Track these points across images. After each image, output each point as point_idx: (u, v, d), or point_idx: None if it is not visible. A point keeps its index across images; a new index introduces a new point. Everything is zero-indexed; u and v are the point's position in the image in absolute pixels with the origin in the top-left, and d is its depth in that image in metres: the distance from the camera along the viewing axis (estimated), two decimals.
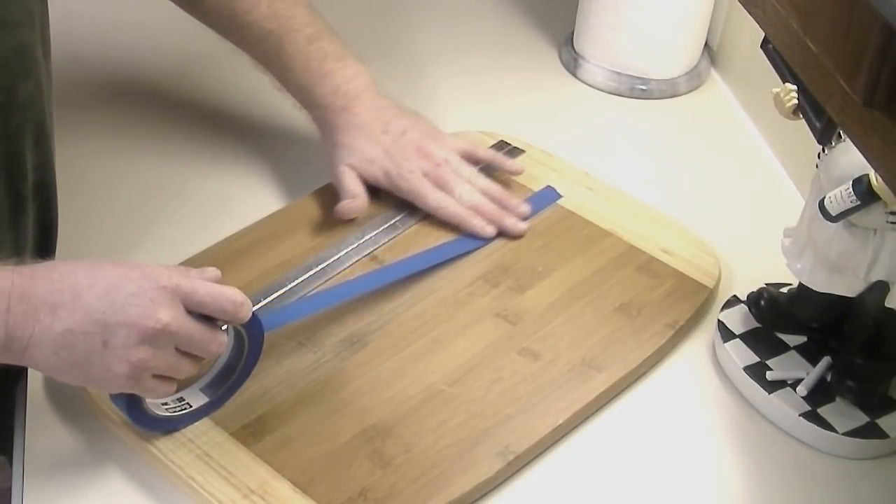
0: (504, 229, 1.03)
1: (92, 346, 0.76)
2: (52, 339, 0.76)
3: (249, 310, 0.82)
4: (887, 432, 0.90)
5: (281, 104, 1.11)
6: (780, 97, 0.88)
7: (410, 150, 1.04)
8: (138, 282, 0.78)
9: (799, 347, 0.96)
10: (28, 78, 0.88)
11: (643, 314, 0.98)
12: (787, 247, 0.93)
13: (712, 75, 1.33)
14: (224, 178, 1.12)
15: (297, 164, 1.14)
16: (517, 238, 1.04)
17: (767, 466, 0.90)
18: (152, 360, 0.77)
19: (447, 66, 1.31)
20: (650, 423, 0.93)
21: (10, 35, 0.85)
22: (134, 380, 0.78)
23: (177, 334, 0.78)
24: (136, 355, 0.77)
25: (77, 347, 0.76)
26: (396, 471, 0.84)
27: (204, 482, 0.83)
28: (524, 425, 0.88)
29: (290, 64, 1.06)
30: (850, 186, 0.82)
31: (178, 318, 0.78)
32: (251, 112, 1.21)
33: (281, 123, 1.19)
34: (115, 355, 0.76)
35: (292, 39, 1.05)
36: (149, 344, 0.77)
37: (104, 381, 0.78)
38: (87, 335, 0.76)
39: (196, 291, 0.79)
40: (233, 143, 1.16)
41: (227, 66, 1.18)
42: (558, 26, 1.38)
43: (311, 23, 1.07)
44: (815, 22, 0.62)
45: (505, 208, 1.05)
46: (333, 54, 1.06)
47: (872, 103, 0.57)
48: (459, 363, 0.93)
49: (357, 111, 1.05)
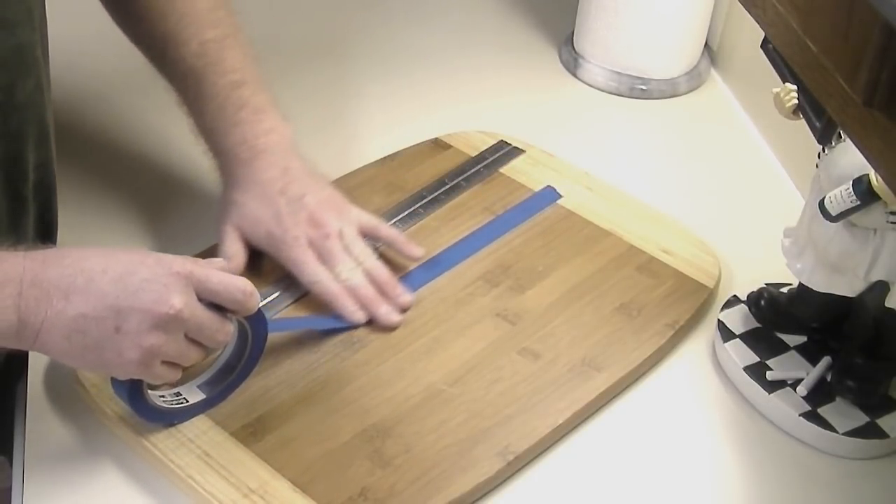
0: (375, 318, 0.95)
1: (104, 331, 0.76)
2: (65, 324, 0.76)
3: (258, 301, 0.83)
4: (887, 432, 0.90)
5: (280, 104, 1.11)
6: (780, 97, 0.88)
7: (302, 216, 0.96)
8: (152, 268, 0.78)
9: (799, 347, 0.96)
10: (27, 77, 0.88)
11: (643, 314, 0.98)
12: (787, 247, 0.93)
13: (712, 75, 1.33)
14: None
15: None
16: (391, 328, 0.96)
17: (767, 466, 0.90)
18: (164, 345, 0.78)
19: (447, 65, 1.31)
20: (650, 423, 0.93)
21: (9, 34, 0.85)
22: (144, 365, 0.78)
23: (189, 321, 0.78)
24: (149, 340, 0.77)
25: (90, 332, 0.76)
26: (396, 471, 0.84)
27: (204, 482, 0.83)
28: (524, 425, 0.88)
29: (204, 107, 0.99)
30: (850, 186, 0.82)
31: (191, 304, 0.78)
32: None
33: None
34: (128, 340, 0.77)
35: (213, 82, 0.98)
36: (161, 329, 0.77)
37: (116, 367, 0.79)
38: (99, 320, 0.76)
39: (209, 279, 0.80)
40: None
41: None
42: (558, 26, 1.38)
43: (240, 70, 1.00)
44: (815, 22, 0.62)
45: (385, 294, 0.96)
46: (253, 105, 0.99)
47: (872, 103, 0.57)
48: (459, 363, 0.93)
49: (260, 167, 0.98)
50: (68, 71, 0.99)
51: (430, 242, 1.04)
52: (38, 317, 0.76)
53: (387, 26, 1.37)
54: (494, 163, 1.14)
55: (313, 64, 1.29)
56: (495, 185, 1.11)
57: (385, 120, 1.22)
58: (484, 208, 1.08)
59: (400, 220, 1.06)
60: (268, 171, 0.97)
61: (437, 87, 1.28)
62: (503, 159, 1.14)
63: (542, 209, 1.08)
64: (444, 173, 1.12)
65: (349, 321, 0.95)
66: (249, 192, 0.97)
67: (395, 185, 1.10)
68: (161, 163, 1.13)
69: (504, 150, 1.15)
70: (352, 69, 1.29)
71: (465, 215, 1.07)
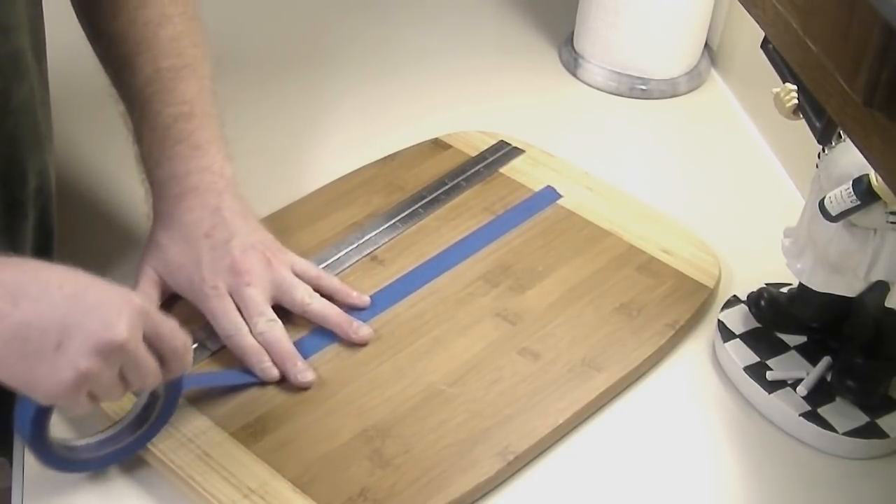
0: (287, 377, 0.90)
1: (45, 344, 0.73)
2: (7, 328, 0.73)
3: (191, 360, 0.81)
4: (887, 432, 0.90)
5: (279, 104, 1.11)
6: (780, 97, 0.88)
7: (225, 263, 0.91)
8: (108, 292, 0.76)
9: (799, 347, 0.96)
10: (22, 82, 0.88)
11: (643, 314, 0.98)
12: (787, 247, 0.93)
13: (712, 75, 1.33)
14: None
15: (296, 163, 1.14)
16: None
17: (767, 466, 0.90)
18: (98, 374, 0.74)
19: (447, 65, 1.31)
20: (650, 423, 0.93)
21: (5, 40, 0.85)
22: (74, 388, 0.74)
23: (130, 354, 0.75)
24: (86, 364, 0.73)
25: (30, 342, 0.73)
26: (396, 471, 0.84)
27: (204, 482, 0.83)
28: (524, 425, 0.88)
29: (144, 135, 0.95)
30: (850, 186, 0.82)
31: (137, 338, 0.76)
32: (249, 112, 1.21)
33: (280, 123, 1.20)
34: (65, 359, 0.73)
35: (158, 111, 0.94)
36: (101, 357, 0.74)
37: (44, 385, 0.75)
38: (43, 331, 0.73)
39: (161, 323, 0.78)
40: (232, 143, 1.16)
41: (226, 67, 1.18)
42: (558, 26, 1.38)
43: (190, 102, 0.95)
44: (815, 22, 0.62)
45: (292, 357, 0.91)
46: (194, 140, 0.94)
47: (872, 103, 0.57)
48: (459, 363, 0.93)
49: (188, 206, 0.93)
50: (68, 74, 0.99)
51: (430, 242, 1.04)
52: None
53: (386, 26, 1.37)
54: (494, 163, 1.14)
55: (313, 64, 1.29)
56: (495, 185, 1.11)
57: (385, 120, 1.22)
58: (484, 208, 1.08)
59: (400, 220, 1.06)
60: (195, 212, 0.93)
61: (437, 87, 1.28)
62: (503, 159, 1.14)
63: (542, 209, 1.08)
64: (444, 173, 1.12)
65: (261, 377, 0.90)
66: (173, 232, 0.93)
67: (395, 185, 1.10)
68: None
69: (504, 150, 1.15)
70: (352, 69, 1.29)
71: (465, 215, 1.07)
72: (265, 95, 1.23)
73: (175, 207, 0.93)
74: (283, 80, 1.26)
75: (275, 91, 1.24)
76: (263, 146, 1.17)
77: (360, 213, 1.07)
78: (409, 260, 1.02)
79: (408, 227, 1.06)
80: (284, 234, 1.03)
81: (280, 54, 1.30)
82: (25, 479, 0.84)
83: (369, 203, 1.07)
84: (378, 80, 1.28)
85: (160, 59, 0.95)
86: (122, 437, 0.84)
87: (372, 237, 1.04)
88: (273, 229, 1.04)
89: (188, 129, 0.94)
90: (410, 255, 1.03)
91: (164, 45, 0.96)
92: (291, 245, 1.02)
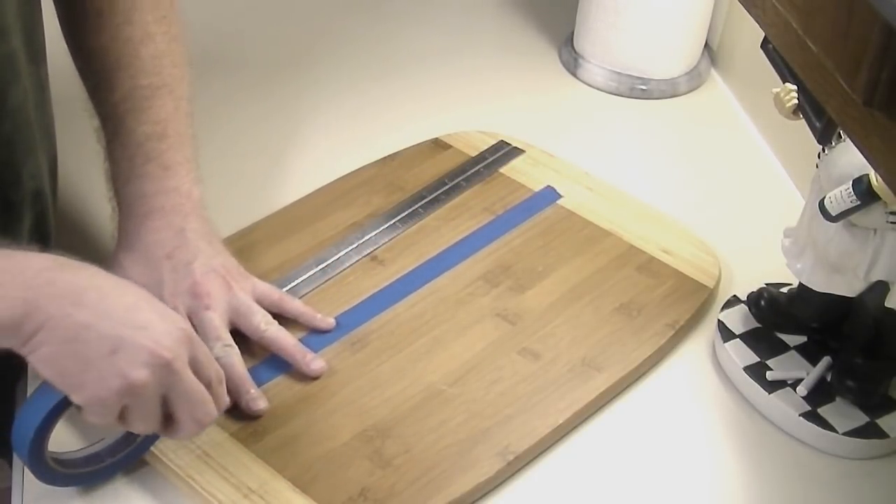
0: (238, 404, 0.88)
1: (100, 350, 0.74)
2: (67, 327, 0.74)
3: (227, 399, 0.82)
4: (887, 432, 0.90)
5: (279, 104, 1.11)
6: (780, 97, 0.88)
7: (185, 285, 0.90)
8: (162, 312, 0.77)
9: (799, 347, 0.96)
10: (17, 84, 0.88)
11: (643, 314, 0.98)
12: (787, 247, 0.93)
13: (712, 75, 1.33)
14: (222, 178, 1.12)
15: (296, 164, 1.14)
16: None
17: (767, 466, 0.90)
18: (144, 388, 0.75)
19: (447, 65, 1.31)
20: (650, 423, 0.93)
21: (2, 42, 0.85)
22: (118, 398, 0.75)
23: (176, 375, 0.76)
24: (136, 375, 0.74)
25: (88, 344, 0.74)
26: (396, 471, 0.84)
27: (204, 482, 0.83)
28: (524, 425, 0.88)
29: (115, 152, 0.94)
30: (850, 186, 0.82)
31: (184, 360, 0.76)
32: (249, 112, 1.21)
33: (279, 123, 1.20)
34: (116, 368, 0.74)
35: (131, 129, 0.93)
36: (151, 370, 0.75)
37: (90, 389, 0.75)
38: (100, 337, 0.74)
39: (204, 351, 0.79)
40: (231, 143, 1.16)
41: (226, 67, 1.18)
42: (558, 26, 1.38)
43: (164, 122, 0.94)
44: (815, 22, 0.62)
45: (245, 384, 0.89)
46: (164, 160, 0.93)
47: (872, 103, 0.57)
48: (459, 363, 0.93)
49: (154, 226, 0.92)
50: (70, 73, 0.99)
51: (430, 242, 1.04)
52: (43, 314, 0.74)
53: (387, 26, 1.37)
54: (494, 163, 1.14)
55: (314, 64, 1.29)
56: (495, 185, 1.11)
57: (385, 120, 1.22)
58: (484, 208, 1.08)
59: (400, 220, 1.06)
60: (159, 233, 0.92)
61: (437, 87, 1.28)
62: (503, 159, 1.14)
63: (542, 209, 1.08)
64: (444, 173, 1.12)
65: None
66: (136, 254, 0.92)
67: (395, 185, 1.10)
68: None
69: (504, 151, 1.15)
70: (352, 69, 1.29)
71: (465, 215, 1.07)
72: (265, 95, 1.23)
73: (140, 227, 0.92)
74: (283, 80, 1.26)
75: (275, 91, 1.24)
76: (263, 146, 1.17)
77: (360, 214, 1.07)
78: (409, 260, 1.02)
79: (408, 227, 1.06)
80: (285, 233, 1.03)
81: (280, 54, 1.30)
82: (25, 479, 0.84)
83: (369, 203, 1.07)
84: (378, 80, 1.28)
85: (139, 77, 0.94)
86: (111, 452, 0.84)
87: (372, 237, 1.04)
88: (273, 229, 1.04)
89: (159, 149, 0.93)
90: (410, 255, 1.03)
91: (145, 63, 0.95)
92: (292, 244, 1.02)
